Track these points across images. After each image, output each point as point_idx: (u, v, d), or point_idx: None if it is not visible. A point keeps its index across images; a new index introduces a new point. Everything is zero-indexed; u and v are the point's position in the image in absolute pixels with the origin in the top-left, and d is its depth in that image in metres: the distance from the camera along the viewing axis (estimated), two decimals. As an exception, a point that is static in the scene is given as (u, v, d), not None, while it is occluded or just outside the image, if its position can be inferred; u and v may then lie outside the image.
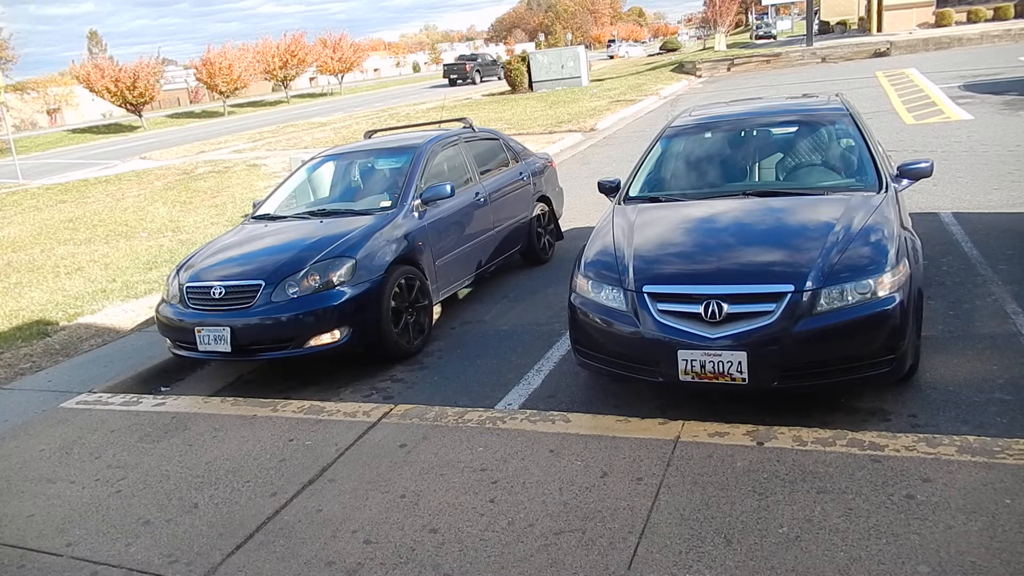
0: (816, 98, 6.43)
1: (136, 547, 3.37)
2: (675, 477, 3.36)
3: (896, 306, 3.76)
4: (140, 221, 12.35)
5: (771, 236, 4.39)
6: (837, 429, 3.62)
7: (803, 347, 3.75)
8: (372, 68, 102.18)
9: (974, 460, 3.20)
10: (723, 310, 3.82)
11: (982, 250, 6.31)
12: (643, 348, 4.00)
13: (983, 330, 4.84)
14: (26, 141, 39.60)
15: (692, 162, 5.68)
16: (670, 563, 2.82)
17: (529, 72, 32.23)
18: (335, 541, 3.23)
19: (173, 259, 8.85)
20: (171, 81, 70.47)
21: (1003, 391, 4.06)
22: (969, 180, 8.77)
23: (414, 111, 27.36)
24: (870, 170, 4.95)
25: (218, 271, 5.53)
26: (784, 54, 32.46)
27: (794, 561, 2.74)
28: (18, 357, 6.34)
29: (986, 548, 2.68)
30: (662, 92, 25.18)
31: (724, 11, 59.28)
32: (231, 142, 25.23)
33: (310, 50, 57.86)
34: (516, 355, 5.43)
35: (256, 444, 4.24)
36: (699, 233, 4.61)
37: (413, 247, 5.83)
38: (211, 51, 49.33)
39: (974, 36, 30.43)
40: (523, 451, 3.76)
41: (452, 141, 7.00)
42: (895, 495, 3.03)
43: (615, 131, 17.68)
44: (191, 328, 5.29)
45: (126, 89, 42.61)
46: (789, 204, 4.72)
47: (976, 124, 12.44)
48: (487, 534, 3.14)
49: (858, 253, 3.98)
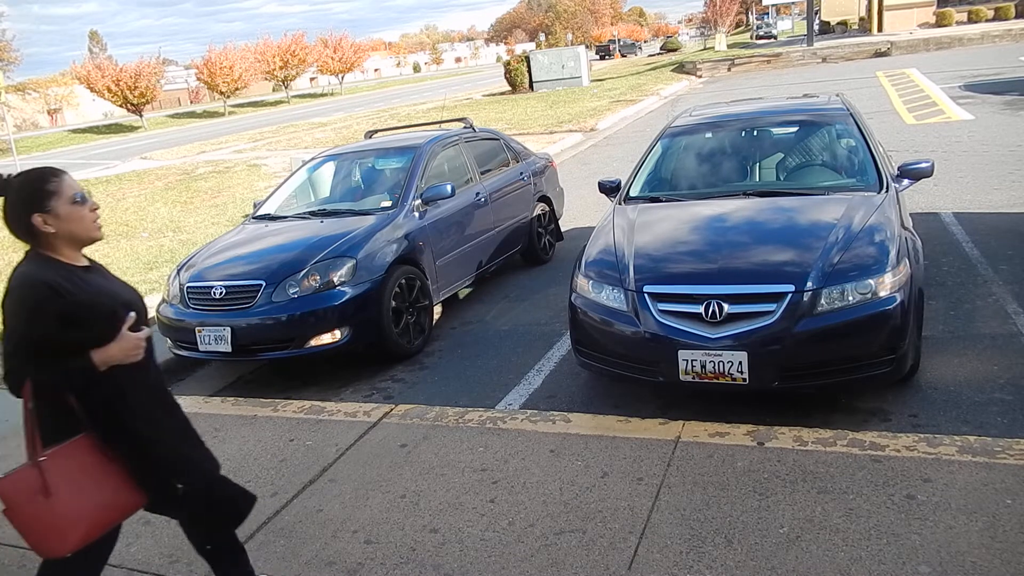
0: (817, 98, 6.43)
1: (137, 547, 3.37)
2: (676, 477, 3.36)
3: (897, 306, 3.76)
4: (141, 221, 12.35)
5: (772, 236, 4.39)
6: (838, 429, 3.61)
7: (804, 347, 3.74)
8: (372, 68, 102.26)
9: (975, 460, 3.20)
10: (724, 310, 3.82)
11: (983, 250, 6.30)
12: (644, 348, 4.00)
13: (984, 330, 4.83)
14: (27, 141, 39.63)
15: (693, 162, 5.68)
16: (670, 563, 2.82)
17: (529, 72, 32.24)
18: (336, 541, 3.23)
19: (174, 259, 8.85)
20: (172, 81, 70.56)
21: (1004, 391, 4.05)
22: (970, 180, 8.77)
23: (414, 111, 27.36)
24: (871, 170, 4.95)
25: (219, 271, 5.53)
26: (785, 54, 32.46)
27: (794, 561, 2.74)
28: (19, 357, 6.33)
29: (987, 548, 2.68)
30: (662, 92, 25.19)
31: (724, 11, 59.29)
32: (232, 142, 25.24)
33: (311, 50, 57.91)
34: (516, 355, 5.43)
35: (256, 444, 4.24)
36: (700, 233, 4.61)
37: (414, 247, 5.83)
38: (212, 51, 49.40)
39: (975, 36, 30.42)
40: (523, 451, 3.76)
41: (453, 141, 7.00)
42: (896, 495, 3.03)
43: (616, 131, 17.68)
44: (192, 328, 5.29)
45: (127, 89, 42.66)
46: (790, 204, 4.71)
47: (977, 124, 12.43)
48: (487, 534, 3.14)
49: (859, 253, 3.97)
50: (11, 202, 2.26)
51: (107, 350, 2.22)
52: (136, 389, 2.36)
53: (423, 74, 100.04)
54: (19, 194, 2.25)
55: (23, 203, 2.25)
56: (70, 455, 2.25)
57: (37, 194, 2.26)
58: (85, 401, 2.26)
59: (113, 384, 2.27)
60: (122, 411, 2.33)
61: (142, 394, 2.39)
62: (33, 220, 2.24)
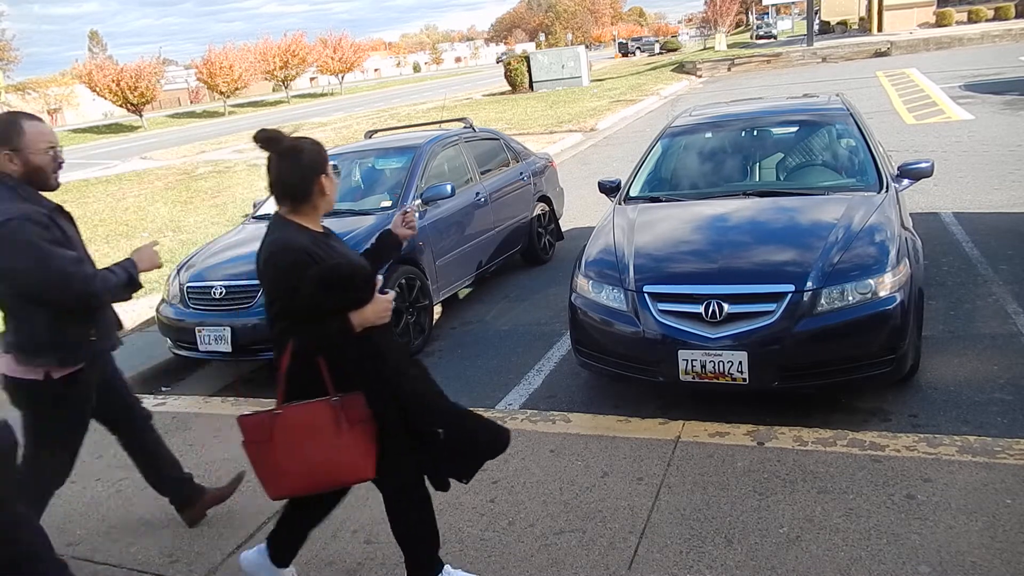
0: (817, 98, 6.43)
1: (137, 547, 3.37)
2: (676, 477, 3.36)
3: (897, 306, 3.76)
4: (141, 221, 12.35)
5: (772, 236, 4.39)
6: (837, 429, 3.61)
7: (804, 347, 3.74)
8: (372, 68, 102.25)
9: (975, 460, 3.20)
10: (724, 310, 3.82)
11: (983, 250, 6.30)
12: (644, 348, 4.00)
13: (984, 330, 4.83)
14: (27, 141, 39.50)
15: (693, 162, 5.68)
16: (670, 563, 2.82)
17: (529, 72, 32.22)
18: (335, 541, 3.23)
19: (174, 259, 8.83)
20: (172, 81, 70.53)
21: (1004, 391, 4.05)
22: (970, 180, 8.77)
23: (414, 111, 27.35)
24: (871, 170, 4.95)
25: (219, 271, 5.53)
26: (784, 54, 32.46)
27: (794, 561, 2.74)
28: (19, 357, 6.33)
29: (987, 548, 2.68)
30: (662, 92, 25.19)
31: (724, 11, 59.26)
32: (232, 142, 25.24)
33: (310, 50, 57.88)
34: (516, 355, 5.43)
35: (256, 444, 4.23)
36: (700, 233, 4.61)
37: (413, 247, 5.82)
38: (212, 51, 49.39)
39: (975, 36, 30.43)
40: (523, 451, 3.75)
41: (452, 141, 7.00)
42: (896, 495, 3.03)
43: (616, 131, 17.67)
44: (192, 328, 5.29)
45: (127, 89, 42.63)
46: (790, 204, 4.71)
47: (977, 124, 12.43)
48: (487, 534, 3.14)
49: (859, 253, 3.97)
50: (302, 163, 2.40)
51: (363, 312, 2.36)
52: (389, 347, 2.51)
53: (423, 74, 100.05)
54: (310, 156, 2.40)
55: (312, 166, 2.40)
56: (302, 415, 2.39)
57: (323, 160, 2.44)
58: (342, 362, 2.39)
59: (370, 344, 2.42)
60: (381, 369, 2.46)
61: (395, 351, 2.53)
62: (321, 181, 2.41)
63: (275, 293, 2.36)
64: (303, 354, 2.34)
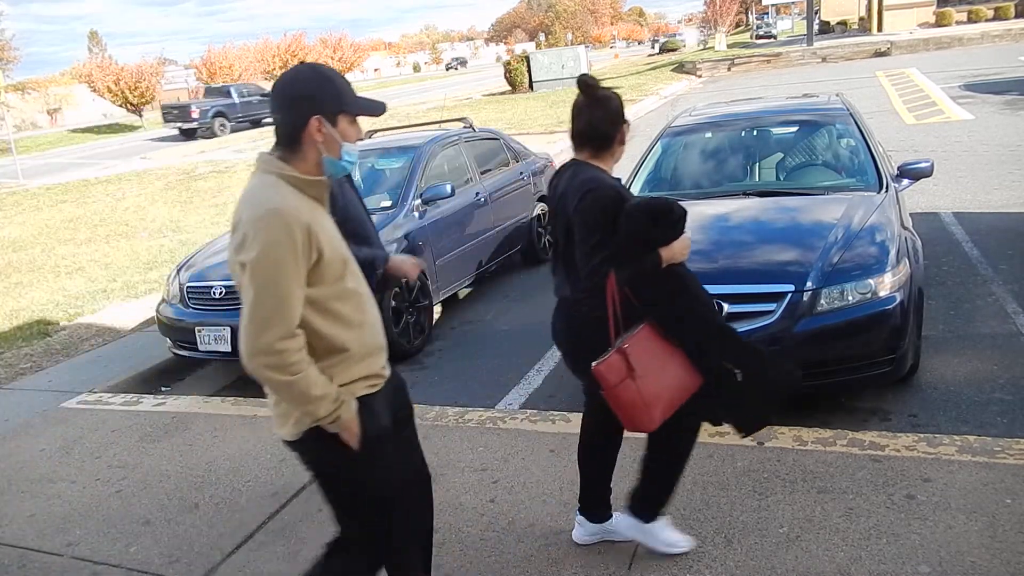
0: (816, 98, 6.43)
1: (137, 547, 3.37)
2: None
3: (896, 306, 3.76)
4: (141, 221, 12.35)
5: (771, 236, 4.39)
6: (837, 429, 3.61)
7: (803, 347, 3.74)
8: (372, 68, 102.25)
9: (975, 460, 3.20)
10: (723, 310, 3.81)
11: (982, 250, 6.30)
12: (643, 348, 3.99)
13: (984, 330, 4.83)
14: (27, 141, 39.57)
15: (692, 162, 5.68)
16: (670, 563, 2.82)
17: (529, 72, 32.19)
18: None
19: (173, 259, 8.84)
20: (172, 81, 70.41)
21: (1004, 391, 4.05)
22: (970, 180, 8.77)
23: (414, 111, 27.35)
24: (870, 170, 4.95)
25: (219, 271, 5.53)
26: (784, 54, 32.44)
27: (794, 561, 2.74)
28: (19, 357, 6.34)
29: (986, 548, 2.68)
30: (662, 92, 25.17)
31: (724, 11, 59.25)
32: (232, 142, 25.25)
33: (310, 50, 57.82)
34: (516, 355, 5.43)
35: (256, 444, 4.23)
36: (699, 232, 4.59)
37: (413, 247, 5.82)
38: (212, 51, 49.42)
39: (975, 36, 30.42)
40: (523, 451, 3.76)
41: (452, 141, 7.00)
42: (895, 495, 3.03)
43: (615, 131, 17.64)
44: (192, 328, 5.29)
45: (127, 89, 42.61)
46: (789, 204, 4.71)
47: (977, 124, 12.43)
48: (487, 534, 3.14)
49: (858, 253, 3.97)
50: (612, 110, 2.59)
51: (671, 248, 2.47)
52: (695, 282, 2.60)
53: (423, 74, 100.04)
54: (617, 104, 2.60)
55: (620, 114, 2.60)
56: (641, 341, 2.50)
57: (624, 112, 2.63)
58: (652, 294, 2.51)
59: (677, 277, 2.54)
60: (688, 302, 2.57)
61: (694, 286, 2.61)
62: (623, 129, 2.61)
63: (595, 226, 2.47)
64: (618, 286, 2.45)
